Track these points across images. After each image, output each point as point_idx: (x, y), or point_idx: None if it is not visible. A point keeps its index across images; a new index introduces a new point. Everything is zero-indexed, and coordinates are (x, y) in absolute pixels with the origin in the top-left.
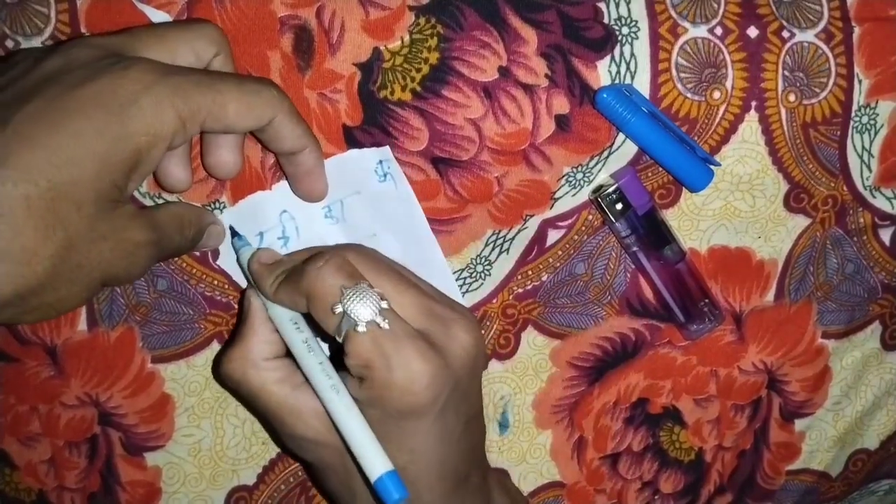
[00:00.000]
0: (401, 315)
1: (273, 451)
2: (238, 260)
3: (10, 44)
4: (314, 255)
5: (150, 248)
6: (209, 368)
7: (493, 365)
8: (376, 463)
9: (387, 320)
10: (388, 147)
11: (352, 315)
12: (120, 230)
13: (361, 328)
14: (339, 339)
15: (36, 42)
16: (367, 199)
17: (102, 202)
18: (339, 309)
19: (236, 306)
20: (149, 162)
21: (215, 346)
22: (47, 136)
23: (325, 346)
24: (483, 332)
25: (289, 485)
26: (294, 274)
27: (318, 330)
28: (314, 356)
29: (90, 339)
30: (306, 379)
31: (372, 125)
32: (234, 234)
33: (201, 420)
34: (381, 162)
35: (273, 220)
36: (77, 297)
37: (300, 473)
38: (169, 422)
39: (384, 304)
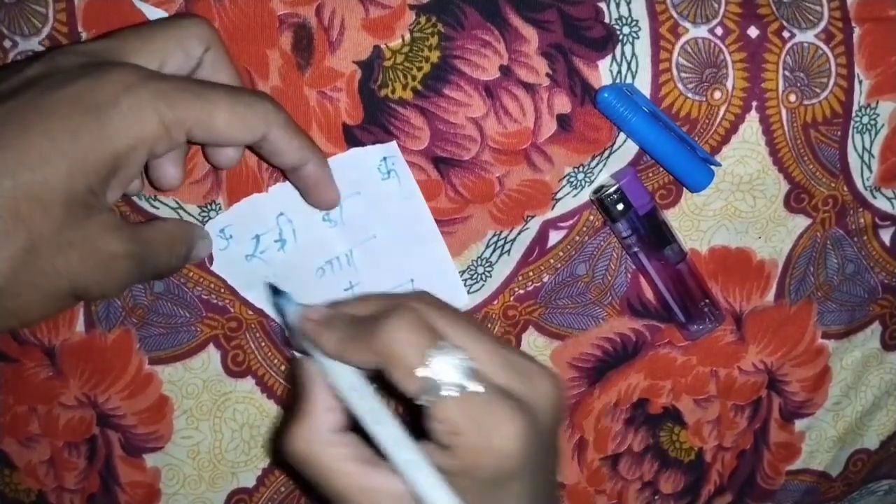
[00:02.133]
0: (483, 370)
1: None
2: (285, 321)
3: (7, 44)
4: (385, 311)
5: (128, 261)
6: (206, 372)
7: None
8: None
9: (475, 382)
10: (394, 142)
11: (438, 379)
12: (93, 238)
13: (450, 392)
14: (422, 403)
15: (34, 42)
16: (367, 199)
17: (74, 207)
18: (423, 373)
19: (232, 310)
20: (129, 167)
21: (212, 350)
22: (17, 137)
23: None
24: None
25: (289, 487)
26: (361, 331)
27: (382, 384)
28: (388, 428)
29: (87, 340)
30: (377, 451)
31: (373, 124)
32: (276, 291)
33: (199, 422)
34: (385, 159)
35: (270, 223)
36: (42, 307)
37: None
38: (167, 424)
39: (471, 365)
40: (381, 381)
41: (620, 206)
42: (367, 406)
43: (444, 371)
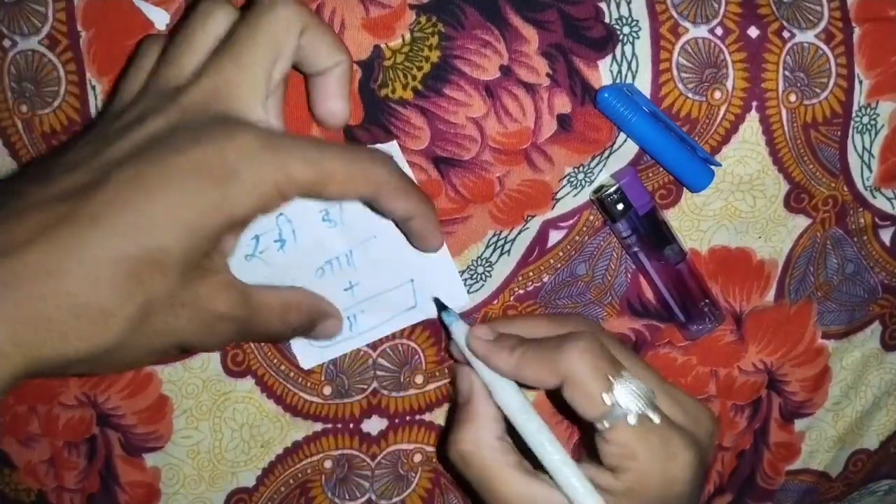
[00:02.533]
0: (657, 402)
1: (272, 453)
2: (451, 336)
3: (6, 43)
4: (568, 336)
5: (232, 323)
6: (206, 372)
7: None
8: None
9: (655, 412)
10: (395, 142)
11: (623, 406)
12: (203, 300)
13: (632, 419)
14: (600, 427)
15: (33, 41)
16: None
17: (189, 270)
18: (609, 400)
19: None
20: (242, 230)
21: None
22: (143, 203)
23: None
24: None
25: (288, 486)
26: (541, 351)
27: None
28: (552, 447)
29: None
30: (535, 465)
31: (373, 124)
32: (442, 307)
33: (199, 422)
34: None
35: (269, 223)
36: (148, 359)
37: (300, 475)
38: (167, 423)
39: (652, 396)
40: (552, 397)
41: (620, 206)
42: (534, 427)
43: (627, 398)
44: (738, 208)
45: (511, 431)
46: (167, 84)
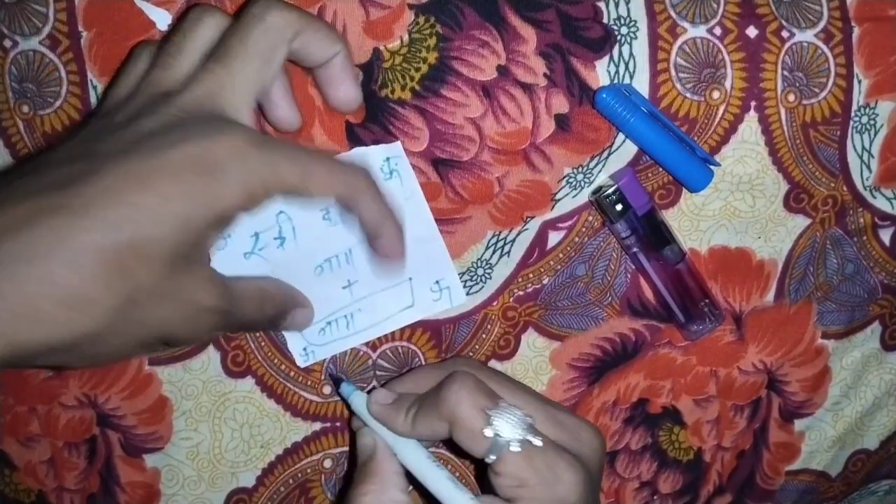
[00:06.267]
0: (538, 426)
1: (272, 453)
2: (351, 408)
3: (7, 43)
4: (444, 382)
5: (215, 315)
6: (206, 373)
7: (492, 364)
8: None
9: (538, 437)
10: (398, 143)
11: (504, 436)
12: (187, 292)
13: (515, 448)
14: (489, 461)
15: (34, 41)
16: None
17: (175, 262)
18: (490, 433)
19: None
20: (228, 225)
21: (211, 351)
22: (135, 194)
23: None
24: (484, 335)
25: (288, 486)
26: (427, 405)
27: (449, 446)
28: (461, 494)
29: None
30: None
31: (373, 123)
32: (337, 381)
33: (199, 423)
34: (388, 159)
35: (269, 221)
36: (129, 352)
37: (299, 475)
38: (167, 424)
39: (530, 421)
40: (448, 443)
41: (619, 207)
42: (436, 476)
43: (506, 428)
44: (737, 208)
45: (419, 488)
46: (159, 88)
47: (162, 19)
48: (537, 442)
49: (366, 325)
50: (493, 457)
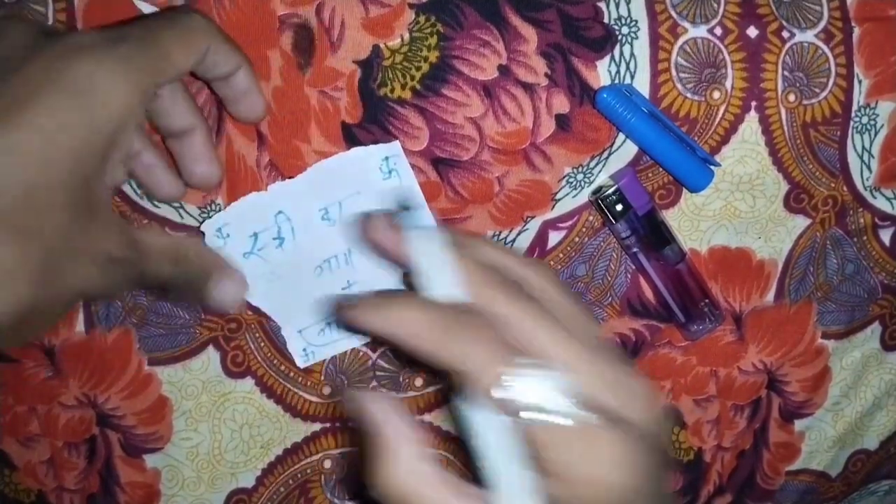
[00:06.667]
0: (590, 392)
1: (272, 454)
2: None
3: None
4: (463, 311)
5: (125, 267)
6: (206, 373)
7: None
8: None
9: (575, 402)
10: (397, 142)
11: (522, 401)
12: (97, 241)
13: (552, 418)
14: (524, 422)
15: None
16: (368, 198)
17: (78, 207)
18: (501, 395)
19: (231, 311)
20: (120, 148)
21: (211, 351)
22: (8, 135)
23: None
24: None
25: (288, 487)
26: (448, 330)
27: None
28: (509, 456)
29: (87, 340)
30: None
31: (372, 123)
32: (405, 207)
33: (198, 424)
34: (387, 159)
35: (268, 221)
36: (56, 316)
37: (299, 475)
38: (167, 425)
39: (575, 388)
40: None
41: (619, 207)
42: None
43: (537, 394)
44: (737, 208)
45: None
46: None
47: None
48: (584, 414)
49: None
50: (528, 420)
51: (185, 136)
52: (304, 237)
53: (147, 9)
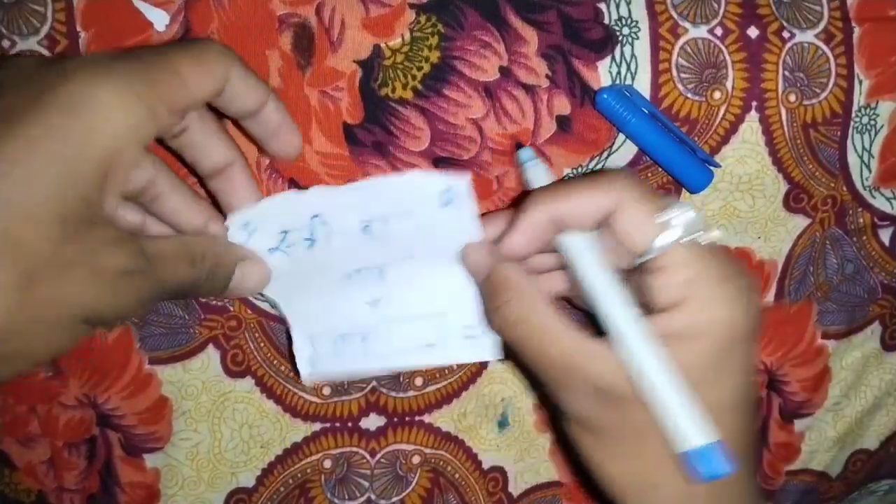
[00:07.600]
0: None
1: (272, 453)
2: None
3: (6, 44)
4: (600, 174)
5: (136, 278)
6: (205, 373)
7: (494, 363)
8: (696, 431)
9: (712, 233)
10: (468, 177)
11: (677, 225)
12: (94, 255)
13: (686, 238)
14: (648, 257)
15: (32, 41)
16: (418, 222)
17: (70, 223)
18: (662, 218)
19: (231, 309)
20: (124, 167)
21: (211, 350)
22: None
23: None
24: None
25: (288, 487)
26: (588, 181)
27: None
28: (616, 290)
29: (88, 339)
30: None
31: (373, 123)
32: (519, 146)
33: (198, 424)
34: (449, 189)
35: (302, 222)
36: (50, 342)
37: (299, 475)
38: (167, 424)
39: (704, 217)
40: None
41: None
42: (605, 278)
43: (684, 218)
44: (737, 208)
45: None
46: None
47: (160, 20)
48: (715, 235)
49: (380, 352)
50: (655, 249)
51: (223, 173)
52: (339, 244)
53: (147, 9)
